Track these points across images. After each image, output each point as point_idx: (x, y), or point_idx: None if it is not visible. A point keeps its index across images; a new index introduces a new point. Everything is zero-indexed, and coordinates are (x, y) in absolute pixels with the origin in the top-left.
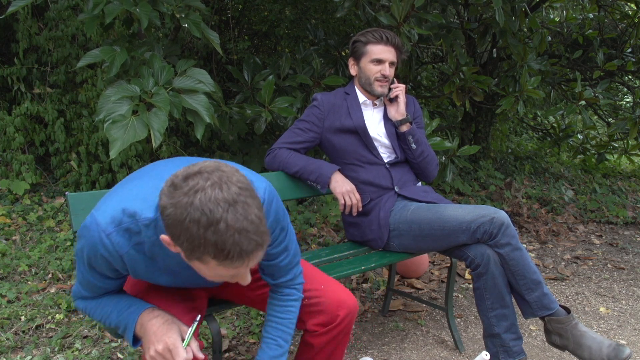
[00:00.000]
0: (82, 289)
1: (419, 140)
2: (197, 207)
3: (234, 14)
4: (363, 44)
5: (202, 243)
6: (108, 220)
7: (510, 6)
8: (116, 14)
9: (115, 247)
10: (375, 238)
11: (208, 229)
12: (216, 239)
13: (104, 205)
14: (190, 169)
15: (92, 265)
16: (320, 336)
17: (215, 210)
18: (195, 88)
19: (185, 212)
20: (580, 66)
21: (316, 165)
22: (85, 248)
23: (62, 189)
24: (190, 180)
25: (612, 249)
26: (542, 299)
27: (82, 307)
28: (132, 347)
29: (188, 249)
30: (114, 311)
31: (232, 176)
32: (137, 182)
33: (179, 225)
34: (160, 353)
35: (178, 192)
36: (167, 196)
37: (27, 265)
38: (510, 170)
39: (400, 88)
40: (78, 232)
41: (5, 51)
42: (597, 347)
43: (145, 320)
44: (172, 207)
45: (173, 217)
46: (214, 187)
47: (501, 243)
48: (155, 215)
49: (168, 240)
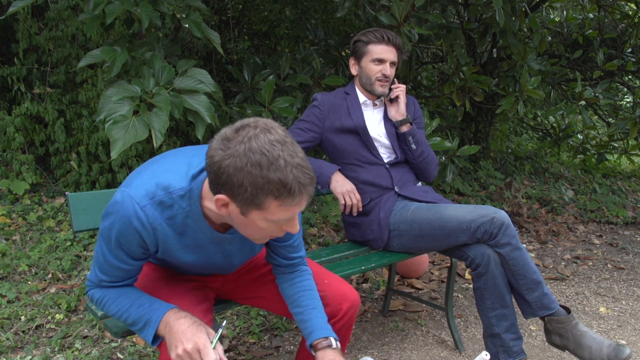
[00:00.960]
0: (101, 273)
1: (419, 140)
2: (255, 150)
3: (234, 14)
4: (364, 43)
5: (266, 183)
6: (142, 193)
7: (510, 6)
8: (117, 14)
9: (149, 220)
10: (375, 238)
11: (270, 167)
12: (279, 176)
13: (136, 181)
14: (235, 125)
15: (121, 243)
16: None
17: (272, 150)
18: (196, 88)
19: (245, 157)
20: (580, 66)
21: (316, 166)
22: (116, 224)
23: (62, 189)
24: (242, 131)
25: (612, 249)
26: (542, 298)
27: (98, 297)
28: (151, 345)
29: (249, 198)
30: (134, 305)
31: (273, 123)
32: (164, 161)
33: (240, 173)
34: (190, 352)
35: (232, 142)
36: (222, 150)
37: (27, 265)
38: (510, 170)
39: (400, 88)
40: (106, 210)
41: (5, 51)
42: (597, 347)
43: (171, 319)
44: (230, 158)
45: (233, 166)
46: (264, 132)
47: (501, 243)
48: (189, 186)
49: (224, 198)
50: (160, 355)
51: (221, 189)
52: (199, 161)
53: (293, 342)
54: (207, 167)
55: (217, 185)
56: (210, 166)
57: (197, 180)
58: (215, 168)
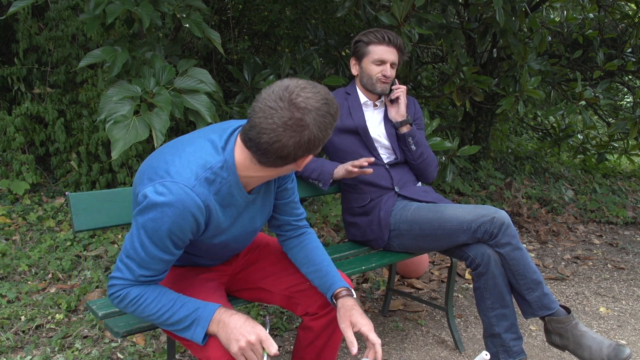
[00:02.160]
0: (141, 268)
1: (418, 141)
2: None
3: (234, 14)
4: (365, 44)
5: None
6: (187, 176)
7: (510, 6)
8: (118, 14)
9: (201, 198)
10: (376, 238)
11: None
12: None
13: (173, 169)
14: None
15: (172, 231)
16: (321, 318)
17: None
18: (196, 88)
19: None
20: (580, 66)
21: (317, 164)
22: (166, 214)
23: (62, 189)
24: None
25: (612, 249)
26: (543, 298)
27: (135, 296)
28: (200, 344)
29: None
30: (177, 304)
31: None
32: (185, 147)
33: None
34: (253, 343)
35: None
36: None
37: (27, 265)
38: (510, 170)
39: (401, 89)
40: (146, 205)
41: (5, 51)
42: (597, 347)
43: (224, 316)
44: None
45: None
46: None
47: (502, 243)
48: (223, 157)
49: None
50: (207, 352)
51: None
52: (217, 137)
53: (293, 342)
54: None
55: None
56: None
57: (227, 151)
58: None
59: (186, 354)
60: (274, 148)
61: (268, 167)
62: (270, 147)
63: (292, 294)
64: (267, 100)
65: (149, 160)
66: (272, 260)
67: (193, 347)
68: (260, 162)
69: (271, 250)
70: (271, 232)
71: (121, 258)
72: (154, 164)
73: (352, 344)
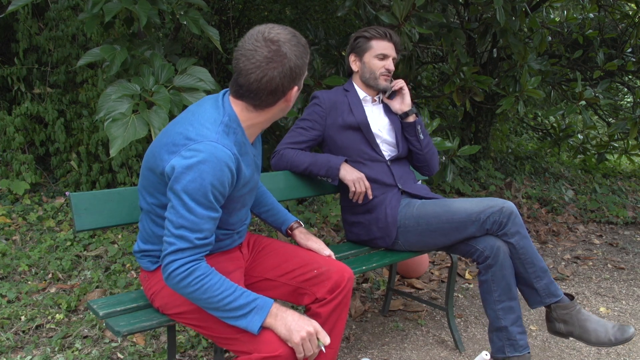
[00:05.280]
0: (194, 232)
1: (425, 130)
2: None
3: (234, 14)
4: (367, 39)
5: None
6: (208, 133)
7: (510, 6)
8: (115, 12)
9: (228, 148)
10: (383, 236)
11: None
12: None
13: (192, 133)
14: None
15: (214, 186)
16: (328, 304)
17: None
18: (195, 86)
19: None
20: (580, 66)
21: (324, 160)
22: (205, 170)
23: (62, 189)
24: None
25: (612, 249)
26: (550, 286)
27: (202, 272)
28: (255, 333)
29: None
30: (239, 290)
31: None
32: (187, 115)
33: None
34: (313, 334)
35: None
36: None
37: (27, 265)
38: (510, 170)
39: (402, 81)
40: (185, 165)
41: (5, 51)
42: (602, 329)
43: (280, 310)
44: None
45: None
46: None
47: (511, 232)
48: (225, 111)
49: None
50: (259, 344)
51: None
52: (213, 101)
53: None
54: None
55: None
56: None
57: (225, 107)
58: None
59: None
60: (263, 84)
61: (263, 110)
62: (260, 83)
63: (299, 283)
64: (245, 45)
65: (159, 141)
66: (277, 253)
67: (239, 341)
68: (255, 106)
69: (274, 247)
70: (272, 234)
71: (171, 233)
72: (167, 140)
73: (322, 250)
